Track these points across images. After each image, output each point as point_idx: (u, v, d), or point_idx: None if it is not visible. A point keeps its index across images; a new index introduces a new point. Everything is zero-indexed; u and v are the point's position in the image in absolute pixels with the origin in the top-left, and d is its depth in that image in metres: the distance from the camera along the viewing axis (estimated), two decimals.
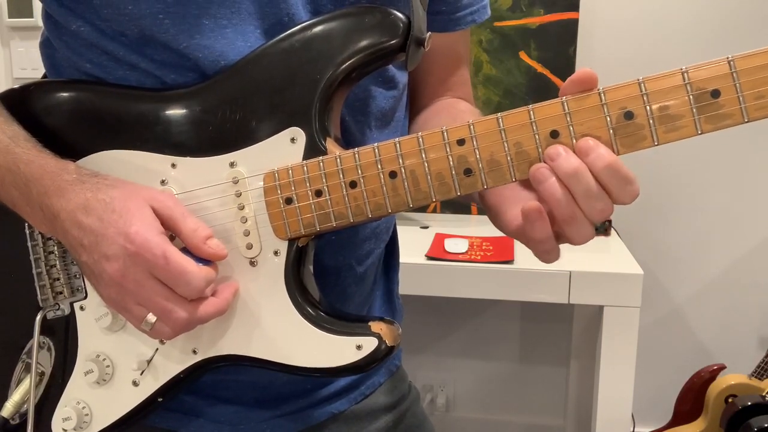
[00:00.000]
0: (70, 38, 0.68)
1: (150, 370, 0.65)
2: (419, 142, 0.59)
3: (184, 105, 0.64)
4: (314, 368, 0.62)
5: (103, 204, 0.58)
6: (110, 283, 0.58)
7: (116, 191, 0.59)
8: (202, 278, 0.58)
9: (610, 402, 1.70)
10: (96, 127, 0.66)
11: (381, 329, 0.61)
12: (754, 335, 2.23)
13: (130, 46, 0.65)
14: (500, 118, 0.57)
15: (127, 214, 0.57)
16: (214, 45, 0.64)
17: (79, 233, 0.58)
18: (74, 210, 0.58)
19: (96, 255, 0.58)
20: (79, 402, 0.67)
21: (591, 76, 0.55)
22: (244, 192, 0.63)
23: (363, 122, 0.71)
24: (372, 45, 0.61)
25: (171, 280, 0.57)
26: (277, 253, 0.62)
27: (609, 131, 0.55)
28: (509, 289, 1.71)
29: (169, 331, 0.59)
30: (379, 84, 0.71)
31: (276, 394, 0.75)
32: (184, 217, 0.59)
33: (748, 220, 2.17)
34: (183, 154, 0.64)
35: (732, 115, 0.53)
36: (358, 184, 0.60)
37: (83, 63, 0.68)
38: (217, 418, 0.74)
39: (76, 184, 0.59)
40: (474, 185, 0.58)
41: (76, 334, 0.67)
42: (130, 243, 0.56)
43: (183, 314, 0.58)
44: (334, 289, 0.74)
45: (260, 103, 0.62)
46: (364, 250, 0.75)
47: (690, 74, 0.53)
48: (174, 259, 0.56)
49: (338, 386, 0.80)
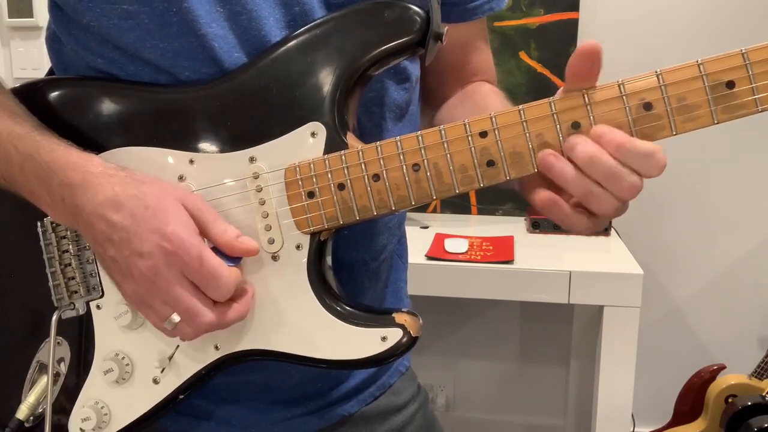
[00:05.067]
0: (80, 32, 0.67)
1: (171, 368, 0.64)
2: (441, 135, 0.59)
3: (201, 101, 0.64)
4: (340, 360, 0.62)
5: (135, 200, 0.57)
6: (140, 279, 0.57)
7: (147, 187, 0.58)
8: (232, 282, 0.58)
9: (610, 402, 1.70)
10: (111, 123, 0.65)
11: (405, 320, 0.62)
12: (754, 335, 2.23)
13: (143, 37, 0.64)
14: (522, 110, 0.58)
15: (161, 212, 0.57)
16: (228, 35, 0.64)
17: (107, 228, 0.57)
18: (102, 204, 0.57)
19: (127, 251, 0.57)
20: (98, 402, 0.66)
21: (596, 49, 0.55)
22: (265, 187, 0.62)
23: (378, 114, 0.71)
24: (391, 40, 0.61)
25: (203, 282, 0.57)
26: (299, 247, 0.63)
27: (629, 121, 0.56)
28: (509, 289, 1.71)
29: (191, 333, 0.59)
30: (391, 77, 0.72)
31: (287, 396, 0.75)
32: (214, 220, 0.59)
33: (749, 220, 2.17)
34: (201, 150, 0.63)
35: (746, 105, 0.55)
36: (381, 178, 0.60)
37: (94, 58, 0.67)
38: (228, 420, 0.74)
39: (103, 176, 0.58)
40: (497, 176, 0.59)
41: (92, 334, 0.66)
42: (167, 242, 0.56)
43: (209, 317, 0.57)
44: (349, 285, 0.73)
45: (280, 98, 0.62)
46: (378, 245, 0.75)
47: (706, 66, 0.55)
48: (209, 261, 0.56)
49: (348, 387, 0.79)
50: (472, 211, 2.23)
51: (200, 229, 0.59)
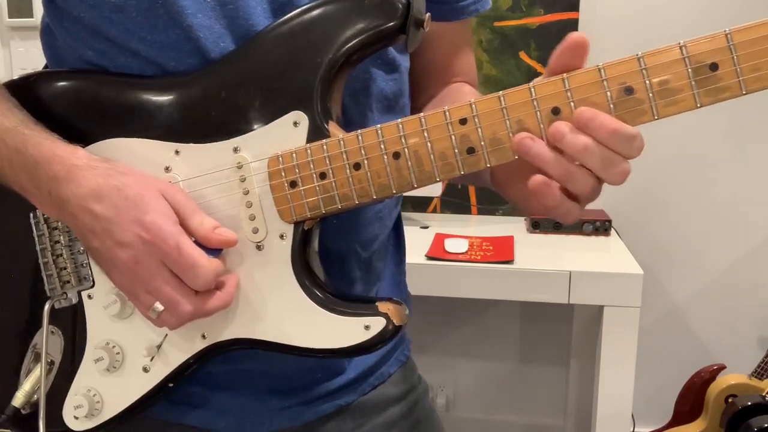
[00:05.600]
0: (72, 24, 0.68)
1: (160, 356, 0.65)
2: (422, 123, 0.59)
3: (186, 91, 0.64)
4: (324, 349, 0.63)
5: (116, 191, 0.58)
6: (122, 269, 0.58)
7: (129, 178, 0.59)
8: (212, 271, 0.58)
9: (610, 402, 1.70)
10: (99, 115, 0.66)
11: (388, 309, 0.62)
12: (754, 335, 2.23)
13: (130, 29, 0.64)
14: (502, 96, 0.57)
15: (141, 202, 0.58)
16: (215, 25, 0.64)
17: (90, 219, 0.58)
18: (85, 196, 0.58)
19: (109, 242, 0.58)
20: (90, 389, 0.67)
21: (585, 41, 0.55)
22: (248, 177, 0.63)
23: (364, 104, 0.71)
24: (372, 27, 0.62)
25: (182, 271, 0.57)
26: (283, 236, 0.63)
27: (610, 106, 0.55)
28: (509, 289, 1.71)
29: (174, 321, 0.59)
30: (379, 66, 0.71)
31: (284, 386, 0.75)
32: (192, 212, 0.60)
33: (749, 220, 2.17)
34: (186, 141, 0.64)
35: (730, 87, 0.53)
36: (362, 166, 0.61)
37: (85, 50, 0.67)
38: (225, 408, 0.74)
39: (86, 169, 0.59)
40: (477, 164, 0.59)
41: (84, 323, 0.67)
42: (146, 231, 0.57)
43: (188, 307, 0.58)
44: (340, 275, 0.73)
45: (262, 87, 0.63)
46: (369, 235, 0.75)
47: (688, 48, 0.54)
48: (187, 250, 0.57)
49: (347, 378, 0.79)
50: (472, 211, 2.23)
51: (180, 220, 0.59)
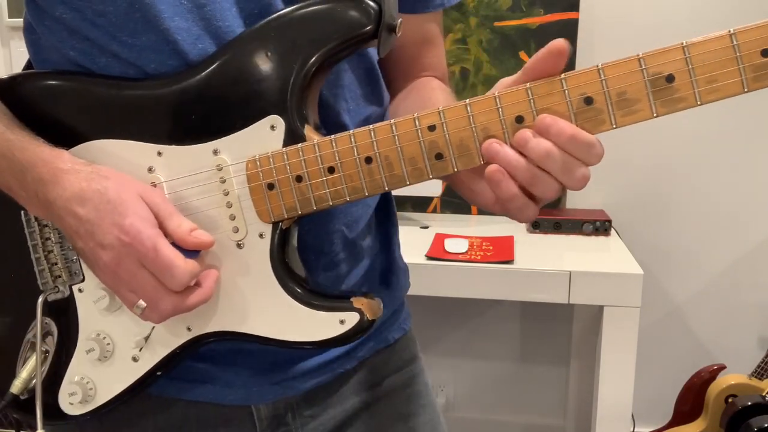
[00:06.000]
0: (53, 23, 0.68)
1: (148, 347, 0.68)
2: (392, 129, 0.62)
3: (167, 94, 0.66)
4: (302, 341, 0.66)
5: (98, 195, 0.60)
6: (105, 270, 0.61)
7: (110, 182, 0.61)
8: (188, 272, 0.60)
9: (610, 402, 1.70)
10: (84, 117, 0.67)
11: (362, 304, 0.65)
12: (754, 335, 2.23)
13: (110, 31, 0.65)
14: (468, 104, 0.60)
15: (121, 205, 0.60)
16: (192, 27, 0.65)
17: (74, 222, 0.61)
18: (70, 199, 0.60)
19: (91, 243, 0.60)
20: (83, 377, 0.70)
21: (564, 50, 0.57)
22: (228, 179, 0.65)
23: (339, 96, 0.72)
24: (344, 33, 0.63)
25: (158, 272, 0.59)
26: (262, 235, 0.65)
27: (570, 116, 0.58)
28: (509, 289, 1.71)
29: (156, 317, 0.62)
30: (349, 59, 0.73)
31: (286, 358, 0.77)
32: (170, 215, 0.62)
33: (748, 220, 2.17)
34: (168, 143, 0.66)
35: (686, 98, 0.55)
36: (336, 170, 0.63)
37: (67, 50, 0.68)
38: (231, 382, 0.76)
39: (71, 173, 0.61)
40: (445, 169, 0.61)
41: (76, 315, 0.70)
42: (125, 234, 0.59)
43: (168, 305, 0.61)
44: (327, 259, 0.75)
45: (240, 91, 0.64)
46: (353, 216, 0.77)
47: (646, 60, 0.56)
48: (163, 252, 0.59)
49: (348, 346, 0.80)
50: (472, 211, 2.23)
51: (159, 222, 0.61)
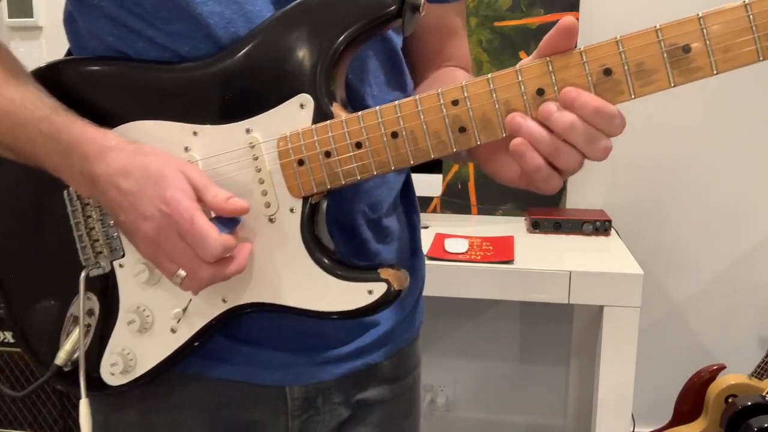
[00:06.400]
0: (92, 11, 0.72)
1: (185, 319, 0.72)
2: (417, 104, 0.64)
3: (202, 77, 0.69)
4: (331, 312, 0.69)
5: (141, 169, 0.63)
6: (146, 240, 0.64)
7: (152, 158, 0.64)
8: (220, 244, 0.63)
9: (610, 402, 1.70)
10: (123, 99, 0.71)
11: (389, 275, 0.67)
12: (754, 335, 2.23)
13: (146, 18, 0.69)
14: (490, 79, 0.62)
15: (162, 179, 0.63)
16: (224, 11, 0.69)
17: (117, 195, 0.64)
18: (114, 173, 0.64)
19: (133, 215, 0.63)
20: (124, 349, 0.74)
21: (573, 26, 0.59)
22: (260, 156, 0.68)
23: (364, 81, 0.75)
24: (370, 13, 0.66)
25: (193, 242, 0.62)
26: (292, 210, 0.68)
27: (590, 87, 0.59)
28: (509, 289, 1.71)
29: (195, 286, 0.65)
30: (373, 43, 0.75)
31: (321, 343, 0.80)
32: (206, 187, 0.65)
33: (748, 220, 2.18)
34: (203, 123, 0.69)
35: (702, 67, 0.57)
36: (364, 145, 0.66)
37: (106, 36, 0.72)
38: (269, 364, 0.79)
39: (115, 150, 0.65)
40: (468, 142, 0.64)
41: (117, 289, 0.74)
42: (165, 205, 0.62)
43: (205, 274, 0.64)
44: (352, 236, 0.78)
45: (271, 72, 0.68)
46: (377, 198, 0.80)
47: (663, 31, 0.58)
48: (198, 223, 0.62)
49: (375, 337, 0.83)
50: (472, 211, 2.23)
51: (197, 195, 0.64)
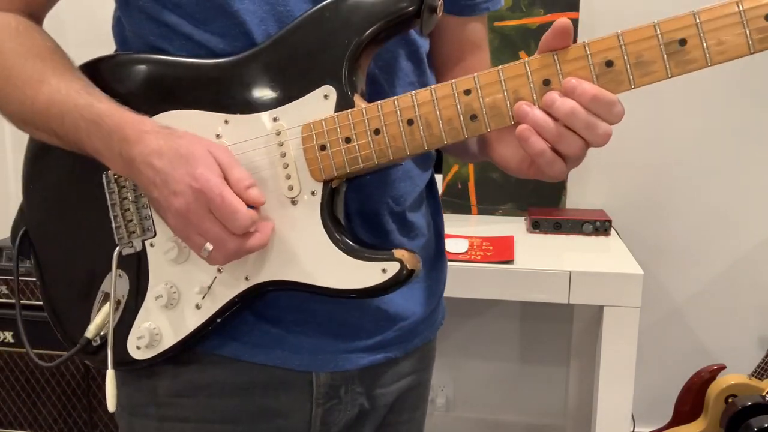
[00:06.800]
0: (136, 12, 0.80)
1: (210, 295, 0.76)
2: (432, 93, 0.70)
3: (234, 70, 0.76)
4: (347, 289, 0.73)
5: (173, 150, 0.69)
6: (176, 215, 0.69)
7: (184, 140, 0.70)
8: (248, 218, 0.67)
9: (610, 402, 1.70)
10: (161, 91, 0.78)
11: (403, 255, 0.71)
12: (754, 335, 2.23)
13: (185, 18, 0.77)
14: (500, 70, 0.68)
15: (192, 158, 0.68)
16: (258, 10, 0.76)
17: (152, 173, 0.69)
18: (149, 154, 0.69)
19: (165, 191, 0.68)
20: (151, 323, 0.79)
21: (568, 27, 0.64)
22: (285, 142, 0.74)
23: (391, 80, 0.81)
24: (390, 13, 0.72)
25: (223, 216, 0.67)
26: (314, 193, 0.74)
27: (593, 78, 0.65)
28: (509, 289, 1.71)
29: (221, 258, 0.70)
30: (402, 46, 0.82)
31: (349, 331, 0.84)
32: (231, 168, 0.69)
33: (748, 220, 2.18)
34: (234, 112, 0.75)
35: (697, 59, 0.62)
36: (381, 131, 0.71)
37: (148, 36, 0.79)
38: (298, 348, 0.82)
39: (152, 133, 0.70)
40: (479, 129, 0.69)
41: (147, 267, 0.79)
42: (195, 181, 0.67)
43: (232, 246, 0.68)
44: (376, 227, 0.83)
45: (297, 66, 0.74)
46: (400, 191, 0.84)
47: (661, 26, 0.63)
48: (228, 198, 0.67)
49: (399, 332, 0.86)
50: (472, 211, 2.23)
51: (223, 174, 0.69)
